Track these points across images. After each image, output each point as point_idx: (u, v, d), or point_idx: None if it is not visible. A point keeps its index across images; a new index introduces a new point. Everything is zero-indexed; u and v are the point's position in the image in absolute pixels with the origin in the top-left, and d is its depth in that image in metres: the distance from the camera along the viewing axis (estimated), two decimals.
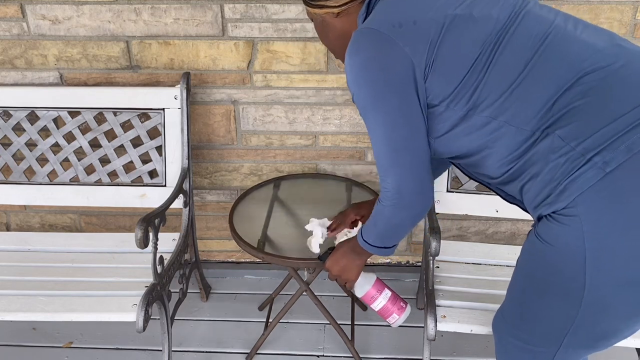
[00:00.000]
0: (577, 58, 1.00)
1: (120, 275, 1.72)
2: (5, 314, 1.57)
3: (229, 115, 1.97)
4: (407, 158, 1.13)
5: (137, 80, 1.92)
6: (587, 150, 0.94)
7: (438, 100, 1.06)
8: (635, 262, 0.94)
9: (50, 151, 1.89)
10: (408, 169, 1.14)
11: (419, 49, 1.02)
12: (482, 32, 1.02)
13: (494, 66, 1.01)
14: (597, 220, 0.95)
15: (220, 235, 2.21)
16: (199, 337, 1.99)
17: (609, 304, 1.00)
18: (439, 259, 1.73)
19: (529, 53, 1.01)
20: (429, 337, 1.52)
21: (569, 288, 1.01)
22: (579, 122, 0.96)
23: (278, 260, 1.59)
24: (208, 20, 1.81)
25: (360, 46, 1.07)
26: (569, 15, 1.09)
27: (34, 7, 1.81)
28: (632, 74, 0.97)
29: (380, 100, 1.08)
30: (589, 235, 0.96)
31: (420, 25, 1.03)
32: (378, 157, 1.16)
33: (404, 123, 1.09)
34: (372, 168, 2.04)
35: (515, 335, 1.17)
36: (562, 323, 1.06)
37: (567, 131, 0.97)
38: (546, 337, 1.11)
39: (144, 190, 1.90)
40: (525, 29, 1.02)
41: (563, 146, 0.97)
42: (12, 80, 1.93)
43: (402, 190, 1.16)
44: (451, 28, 1.02)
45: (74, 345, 1.97)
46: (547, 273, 1.05)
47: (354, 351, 1.86)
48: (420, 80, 1.04)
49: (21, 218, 2.20)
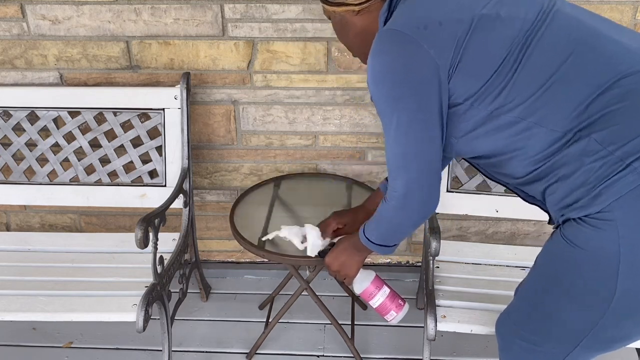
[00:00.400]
0: (614, 60, 0.98)
1: (120, 275, 1.72)
2: (5, 314, 1.57)
3: (229, 115, 1.97)
4: (418, 164, 1.12)
5: (137, 80, 1.92)
6: (627, 155, 0.93)
7: (462, 98, 1.05)
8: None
9: (50, 151, 1.89)
10: (417, 174, 1.13)
11: (445, 50, 1.01)
12: (510, 32, 1.00)
13: (523, 66, 1.00)
14: (635, 226, 0.94)
15: (220, 235, 2.21)
16: (199, 337, 1.99)
17: (636, 310, 1.00)
18: (439, 259, 1.73)
19: (562, 54, 0.99)
20: (429, 337, 1.52)
21: (597, 293, 1.00)
22: (617, 125, 0.95)
23: (279, 258, 1.59)
24: (208, 20, 1.81)
25: (384, 47, 1.05)
26: (596, 14, 1.07)
27: (34, 7, 1.81)
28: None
29: (399, 102, 1.07)
30: (624, 240, 0.95)
31: (446, 26, 1.01)
32: (389, 159, 1.16)
33: (419, 128, 1.08)
34: (372, 168, 2.04)
35: (523, 336, 1.16)
36: (582, 326, 1.05)
37: (604, 135, 0.96)
38: (562, 340, 1.10)
39: (144, 190, 1.90)
40: (556, 29, 1.01)
41: (600, 150, 0.96)
42: (12, 80, 1.93)
43: (409, 196, 1.16)
44: (478, 28, 1.00)
45: (74, 345, 1.97)
46: (573, 276, 1.03)
47: (354, 351, 1.86)
48: (444, 82, 1.03)
49: (21, 218, 2.20)
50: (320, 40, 1.83)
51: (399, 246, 2.18)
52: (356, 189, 1.93)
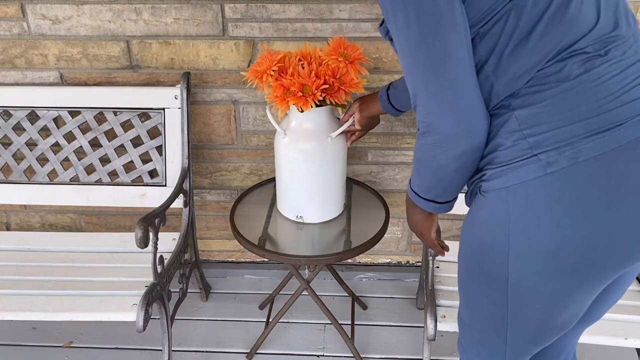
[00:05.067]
0: (579, 30, 0.92)
1: (120, 274, 1.72)
2: (5, 313, 1.58)
3: (229, 115, 1.97)
4: (438, 73, 0.91)
5: (137, 80, 1.92)
6: (537, 145, 0.92)
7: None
8: (557, 257, 0.95)
9: (51, 151, 1.90)
10: (439, 88, 0.92)
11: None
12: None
13: (514, 8, 0.92)
14: (527, 214, 0.95)
15: (220, 235, 2.21)
16: (199, 337, 1.99)
17: (532, 293, 1.01)
18: (439, 259, 1.73)
19: (548, 10, 0.92)
20: (429, 337, 1.52)
21: (495, 273, 1.03)
22: (543, 109, 0.92)
23: (279, 257, 1.59)
24: (208, 20, 1.81)
25: None
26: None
27: (34, 6, 1.81)
28: (615, 74, 0.92)
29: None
30: (514, 226, 0.96)
31: None
32: (406, 77, 0.97)
33: (431, 18, 0.88)
34: (372, 168, 2.04)
35: (469, 328, 1.19)
36: (496, 312, 1.07)
37: (525, 115, 0.93)
38: (490, 329, 1.12)
39: (144, 190, 1.90)
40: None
41: (516, 130, 0.94)
42: (13, 79, 1.93)
43: (434, 122, 0.95)
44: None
45: (74, 345, 1.97)
46: (476, 255, 1.06)
47: (354, 350, 1.86)
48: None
49: (21, 218, 2.20)
50: (321, 40, 1.83)
51: (399, 246, 2.19)
52: (356, 189, 1.93)
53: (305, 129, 1.59)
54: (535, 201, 0.94)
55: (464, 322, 1.20)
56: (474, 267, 1.09)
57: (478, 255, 1.06)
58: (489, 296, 1.07)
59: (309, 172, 1.61)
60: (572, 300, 1.01)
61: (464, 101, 0.93)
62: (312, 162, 1.59)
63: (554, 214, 0.93)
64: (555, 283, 0.98)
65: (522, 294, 1.02)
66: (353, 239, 1.65)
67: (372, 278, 2.25)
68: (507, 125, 0.95)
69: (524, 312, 1.05)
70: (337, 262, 1.64)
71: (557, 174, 0.91)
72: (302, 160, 1.59)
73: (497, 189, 0.97)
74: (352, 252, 1.60)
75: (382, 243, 2.09)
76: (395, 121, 1.95)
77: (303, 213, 1.69)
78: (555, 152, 0.91)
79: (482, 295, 1.10)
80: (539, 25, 0.92)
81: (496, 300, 1.06)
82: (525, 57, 0.93)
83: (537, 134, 0.92)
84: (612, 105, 0.90)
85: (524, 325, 1.07)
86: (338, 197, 1.73)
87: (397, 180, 2.06)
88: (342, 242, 1.64)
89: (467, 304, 1.17)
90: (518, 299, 1.03)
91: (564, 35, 0.92)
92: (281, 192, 1.72)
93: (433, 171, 1.03)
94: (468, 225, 1.08)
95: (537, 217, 0.94)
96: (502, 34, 0.93)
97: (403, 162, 2.02)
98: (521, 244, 0.97)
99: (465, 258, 1.11)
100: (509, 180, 0.95)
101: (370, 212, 1.78)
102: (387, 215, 1.75)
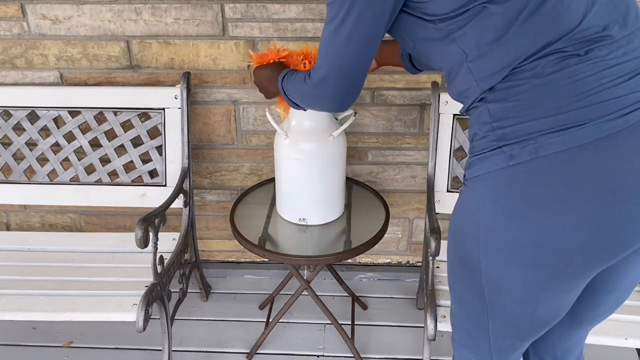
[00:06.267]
0: (557, 31, 0.93)
1: (120, 275, 1.72)
2: (5, 313, 1.57)
3: (229, 115, 1.97)
4: (347, 66, 1.11)
5: (137, 80, 1.92)
6: (503, 137, 0.95)
7: (424, 14, 1.00)
8: (517, 250, 0.97)
9: (51, 151, 1.89)
10: (341, 74, 1.12)
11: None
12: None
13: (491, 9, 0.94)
14: (491, 204, 0.98)
15: (220, 235, 2.21)
16: (199, 337, 1.99)
17: (504, 285, 1.03)
18: (439, 259, 1.73)
19: (525, 11, 0.93)
20: (429, 337, 1.52)
21: (471, 263, 1.05)
22: (513, 104, 0.94)
23: (279, 257, 1.59)
24: (208, 20, 1.81)
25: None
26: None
27: (34, 6, 1.81)
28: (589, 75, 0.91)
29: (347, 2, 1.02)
30: (482, 214, 0.99)
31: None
32: (321, 45, 1.13)
33: (363, 30, 1.05)
34: (372, 168, 2.04)
35: (460, 323, 1.19)
36: (477, 302, 1.09)
37: (496, 108, 0.97)
38: (473, 320, 1.14)
39: (144, 190, 1.90)
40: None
41: (487, 122, 0.98)
42: (13, 79, 1.93)
43: (324, 89, 1.17)
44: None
45: (74, 345, 1.97)
46: (455, 242, 1.09)
47: (354, 350, 1.86)
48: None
49: (21, 218, 2.20)
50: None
51: (400, 246, 2.19)
52: (356, 188, 1.93)
53: (306, 129, 1.59)
54: (498, 192, 0.97)
55: (453, 314, 1.22)
56: (454, 255, 1.12)
57: (456, 242, 1.09)
58: (469, 285, 1.09)
59: (311, 172, 1.61)
60: (545, 296, 1.01)
61: (354, 89, 1.16)
62: (314, 162, 1.59)
63: (514, 206, 0.95)
64: (522, 275, 1.00)
65: (495, 284, 1.04)
66: (353, 239, 1.65)
67: (372, 278, 2.25)
68: (481, 117, 0.99)
69: (500, 303, 1.06)
70: (337, 262, 1.64)
71: (518, 167, 0.93)
72: (304, 161, 1.59)
73: (471, 177, 1.02)
74: (352, 252, 1.60)
75: (382, 243, 2.09)
76: (395, 121, 1.95)
77: (306, 215, 1.69)
78: (518, 146, 0.93)
79: (463, 284, 1.12)
80: (514, 25, 0.93)
81: (474, 289, 1.08)
82: (501, 56, 0.95)
83: (503, 127, 0.95)
84: (579, 104, 0.90)
85: (502, 318, 1.09)
86: (339, 198, 1.73)
87: (397, 180, 2.06)
88: (342, 242, 1.64)
89: (453, 295, 1.19)
90: (492, 290, 1.05)
91: (541, 35, 0.93)
92: (282, 194, 1.71)
93: (298, 97, 1.30)
94: (452, 214, 1.12)
95: (499, 207, 0.97)
96: (479, 32, 0.96)
97: (403, 162, 2.02)
98: (488, 232, 1.00)
99: (449, 247, 1.14)
100: (479, 170, 0.99)
101: (370, 212, 1.78)
102: (387, 215, 1.75)
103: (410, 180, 2.06)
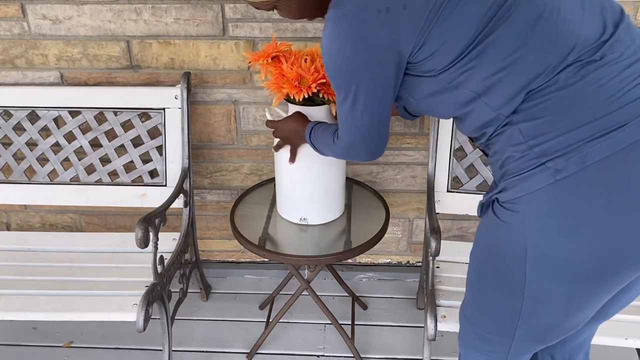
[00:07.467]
0: (563, 46, 0.95)
1: (121, 274, 1.72)
2: (5, 313, 1.58)
3: (230, 115, 1.97)
4: (369, 132, 1.20)
5: (137, 80, 1.92)
6: (543, 153, 0.94)
7: (427, 72, 1.03)
8: (570, 264, 0.96)
9: (51, 151, 1.90)
10: (364, 136, 1.22)
11: (408, 35, 0.99)
12: (479, 9, 0.96)
13: (490, 44, 0.96)
14: (540, 222, 0.97)
15: (220, 235, 2.21)
16: (199, 337, 1.99)
17: (548, 299, 1.02)
18: (439, 259, 1.73)
19: (522, 35, 0.96)
20: (429, 337, 1.52)
21: (512, 278, 1.04)
22: (543, 120, 0.95)
23: (279, 257, 1.59)
24: (209, 20, 1.81)
25: (340, 34, 1.05)
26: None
27: (35, 6, 1.81)
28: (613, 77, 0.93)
29: (357, 86, 1.09)
30: (530, 234, 0.98)
31: (410, 10, 0.97)
32: (340, 119, 1.21)
33: (373, 108, 1.13)
34: (372, 168, 2.04)
35: (473, 325, 1.19)
36: (509, 314, 1.08)
37: (528, 127, 0.96)
38: (499, 330, 1.13)
39: (145, 190, 1.90)
40: (524, 8, 0.96)
41: (522, 142, 0.97)
42: (13, 79, 1.93)
43: (353, 150, 1.27)
44: (445, 10, 0.96)
45: (74, 345, 1.97)
46: (493, 258, 1.07)
47: (354, 350, 1.86)
48: (404, 64, 1.04)
49: (21, 218, 2.20)
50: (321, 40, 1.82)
51: (400, 246, 2.19)
52: (356, 189, 1.93)
53: None
54: (547, 210, 0.95)
55: (467, 318, 1.21)
56: (489, 271, 1.10)
57: (494, 261, 1.07)
58: (503, 300, 1.08)
59: (312, 172, 1.61)
60: (585, 306, 1.02)
61: (382, 142, 1.26)
62: (315, 161, 1.59)
63: (565, 222, 0.94)
64: (571, 289, 0.99)
65: (538, 300, 1.03)
66: (353, 239, 1.65)
67: (372, 278, 2.25)
68: (513, 139, 0.98)
69: (537, 316, 1.05)
70: (337, 262, 1.64)
71: (566, 181, 0.93)
72: (304, 160, 1.59)
73: (512, 199, 0.99)
74: (352, 252, 1.60)
75: (382, 243, 2.09)
76: (395, 121, 1.95)
77: (306, 215, 1.69)
78: (562, 159, 0.92)
79: (494, 298, 1.10)
80: (517, 51, 0.95)
81: (510, 304, 1.07)
82: (514, 80, 0.96)
83: (541, 143, 0.95)
84: (613, 107, 0.91)
85: (534, 328, 1.08)
86: (340, 198, 1.73)
87: (397, 180, 2.06)
88: (342, 242, 1.64)
89: (475, 304, 1.18)
90: (533, 304, 1.04)
91: (550, 52, 0.94)
92: (282, 195, 1.71)
93: (331, 153, 1.39)
94: (485, 231, 1.09)
95: (549, 225, 0.96)
96: (483, 68, 0.97)
97: (403, 162, 2.02)
98: (538, 251, 0.98)
99: (480, 262, 1.12)
100: (522, 190, 0.97)
101: (371, 212, 1.78)
102: (387, 215, 1.75)
103: (410, 180, 2.06)
